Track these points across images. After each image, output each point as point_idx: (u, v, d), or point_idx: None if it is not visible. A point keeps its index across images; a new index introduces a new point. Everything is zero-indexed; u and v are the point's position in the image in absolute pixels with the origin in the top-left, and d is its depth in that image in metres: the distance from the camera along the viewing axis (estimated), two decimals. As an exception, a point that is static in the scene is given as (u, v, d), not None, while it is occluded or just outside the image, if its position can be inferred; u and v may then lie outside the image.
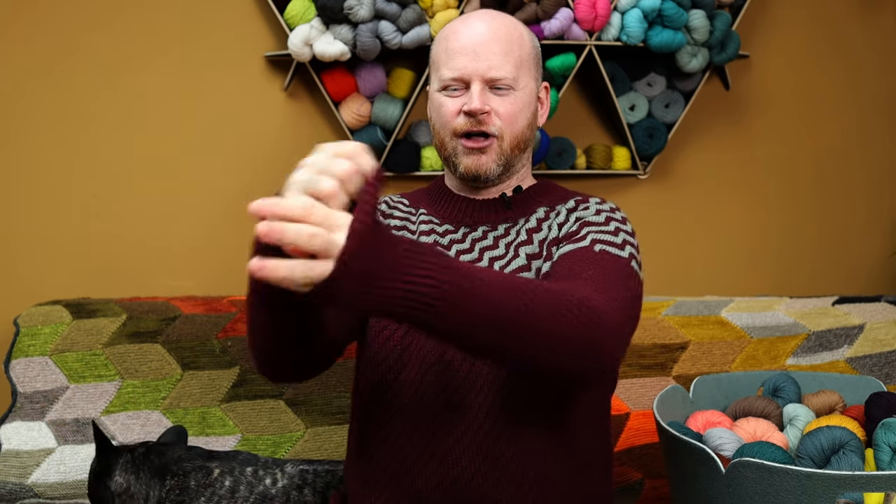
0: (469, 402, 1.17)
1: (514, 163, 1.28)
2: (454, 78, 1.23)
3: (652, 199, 2.35)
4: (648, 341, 1.94)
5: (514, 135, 1.25)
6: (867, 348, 1.97)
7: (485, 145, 1.24)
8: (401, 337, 1.22)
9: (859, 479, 1.16)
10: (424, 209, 1.34)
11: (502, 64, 1.22)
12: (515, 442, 1.17)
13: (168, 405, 1.82)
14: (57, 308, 1.87)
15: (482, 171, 1.25)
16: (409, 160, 2.14)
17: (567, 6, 2.10)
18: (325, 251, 0.81)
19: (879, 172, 2.46)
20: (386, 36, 2.00)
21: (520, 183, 1.32)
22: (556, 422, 1.19)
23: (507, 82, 1.23)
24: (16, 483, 1.72)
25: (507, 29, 1.25)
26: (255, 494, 1.42)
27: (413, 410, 1.20)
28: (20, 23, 2.04)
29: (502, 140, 1.24)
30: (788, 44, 2.38)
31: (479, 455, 1.16)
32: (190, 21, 2.11)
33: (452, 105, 1.25)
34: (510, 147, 1.25)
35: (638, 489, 1.88)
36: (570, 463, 1.20)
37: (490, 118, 1.23)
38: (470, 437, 1.16)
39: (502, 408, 1.17)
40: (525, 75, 1.26)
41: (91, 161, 2.09)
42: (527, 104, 1.26)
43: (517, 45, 1.25)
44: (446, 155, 1.28)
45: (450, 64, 1.24)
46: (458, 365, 1.18)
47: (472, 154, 1.24)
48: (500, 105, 1.23)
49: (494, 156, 1.25)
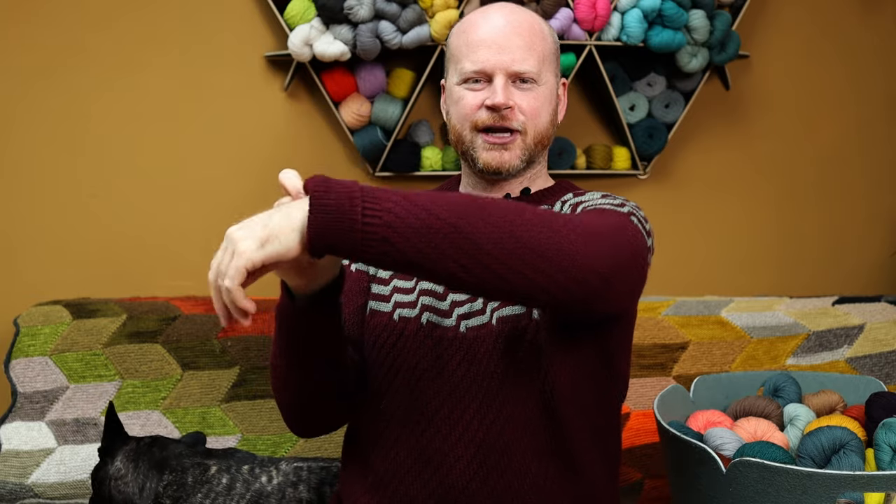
0: (462, 409, 1.15)
1: (536, 158, 1.26)
2: (476, 71, 1.21)
3: (652, 199, 2.35)
4: (648, 341, 1.94)
5: (537, 130, 1.23)
6: (867, 348, 1.97)
7: (507, 141, 1.21)
8: (392, 344, 1.20)
9: (860, 479, 1.16)
10: None
11: (526, 57, 1.20)
12: (510, 450, 1.15)
13: (168, 405, 1.82)
14: (57, 308, 1.87)
15: (505, 167, 1.22)
16: (409, 160, 2.14)
17: (567, 6, 2.10)
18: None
19: (879, 172, 2.46)
20: (386, 36, 2.00)
21: (534, 181, 1.29)
22: (551, 430, 1.16)
23: (531, 76, 1.21)
24: (16, 483, 1.72)
25: (530, 23, 1.23)
26: (251, 492, 1.43)
27: (406, 417, 1.18)
28: (20, 24, 2.04)
29: (525, 136, 1.22)
30: (788, 44, 2.38)
31: (474, 463, 1.14)
32: (190, 21, 2.11)
33: (473, 98, 1.22)
34: (533, 143, 1.23)
35: (638, 489, 1.88)
36: (568, 472, 1.17)
37: (514, 113, 1.20)
38: (464, 445, 1.15)
39: (496, 415, 1.15)
40: (547, 70, 1.23)
41: (91, 161, 2.09)
42: (549, 99, 1.24)
43: (539, 39, 1.22)
44: (464, 149, 1.25)
45: (472, 56, 1.21)
46: (451, 371, 1.17)
47: (494, 150, 1.22)
48: (523, 100, 1.21)
49: (518, 151, 1.22)
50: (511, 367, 1.15)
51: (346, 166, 2.21)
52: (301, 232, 0.90)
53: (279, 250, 0.90)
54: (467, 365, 1.16)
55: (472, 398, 1.15)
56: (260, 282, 0.99)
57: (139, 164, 2.12)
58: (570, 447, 1.17)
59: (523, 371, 1.15)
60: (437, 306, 1.20)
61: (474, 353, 1.17)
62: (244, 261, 0.89)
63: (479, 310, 1.18)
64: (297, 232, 0.90)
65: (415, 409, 1.18)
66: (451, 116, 1.27)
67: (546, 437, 1.16)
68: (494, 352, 1.16)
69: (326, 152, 2.20)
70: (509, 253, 0.92)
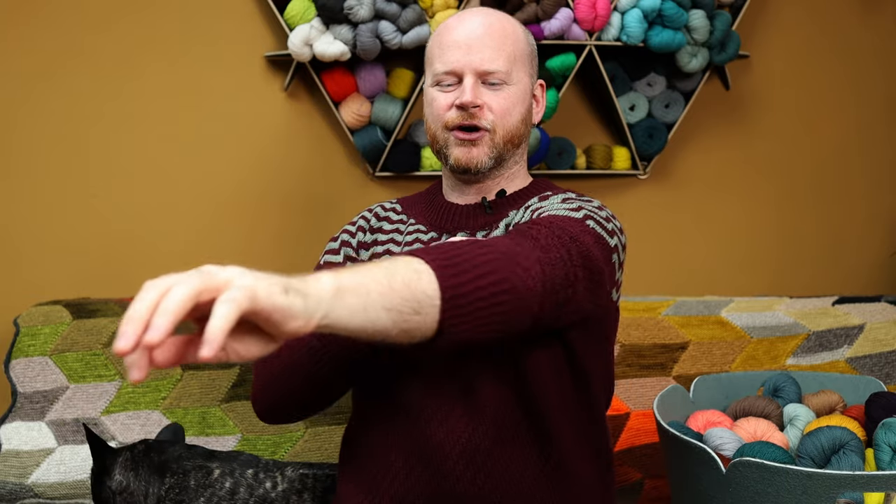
0: (448, 409, 1.15)
1: (507, 157, 1.27)
2: (447, 72, 1.23)
3: (652, 199, 2.35)
4: (648, 341, 1.94)
5: (506, 129, 1.25)
6: (867, 348, 1.97)
7: (475, 138, 1.23)
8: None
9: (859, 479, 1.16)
10: (415, 216, 1.33)
11: (495, 57, 1.22)
12: (501, 451, 1.15)
13: (168, 405, 1.82)
14: (57, 308, 1.87)
15: (473, 163, 1.24)
16: (408, 160, 2.14)
17: (567, 6, 2.10)
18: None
19: (879, 172, 2.46)
20: (386, 36, 2.00)
21: (513, 181, 1.31)
22: (535, 429, 1.16)
23: (500, 76, 1.23)
24: (16, 483, 1.72)
25: (501, 24, 1.25)
26: (254, 497, 1.42)
27: (391, 415, 1.19)
28: (20, 26, 2.04)
29: (494, 134, 1.24)
30: (788, 44, 2.38)
31: (461, 462, 1.14)
32: (190, 21, 2.11)
33: (444, 99, 1.25)
34: (503, 141, 1.25)
35: (638, 489, 1.88)
36: (559, 473, 1.17)
37: (482, 112, 1.23)
38: (450, 444, 1.15)
39: (481, 415, 1.15)
40: (519, 70, 1.25)
41: (91, 161, 2.09)
42: (520, 99, 1.26)
43: (511, 41, 1.24)
44: (438, 148, 1.28)
45: (443, 58, 1.24)
46: (428, 366, 1.16)
47: (464, 146, 1.24)
48: (492, 99, 1.23)
49: (486, 149, 1.24)
50: (488, 366, 1.15)
51: (346, 166, 2.22)
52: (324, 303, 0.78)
53: (296, 308, 0.74)
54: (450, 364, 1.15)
55: (455, 398, 1.15)
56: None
57: (139, 164, 2.12)
58: (553, 446, 1.17)
59: (500, 370, 1.15)
60: None
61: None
62: (247, 296, 0.71)
63: None
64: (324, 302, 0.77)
65: (399, 408, 1.18)
66: (426, 117, 1.30)
67: (529, 436, 1.16)
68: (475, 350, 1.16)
69: (326, 152, 2.21)
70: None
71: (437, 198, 1.34)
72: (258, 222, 2.18)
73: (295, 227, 2.19)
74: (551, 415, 1.17)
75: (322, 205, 2.20)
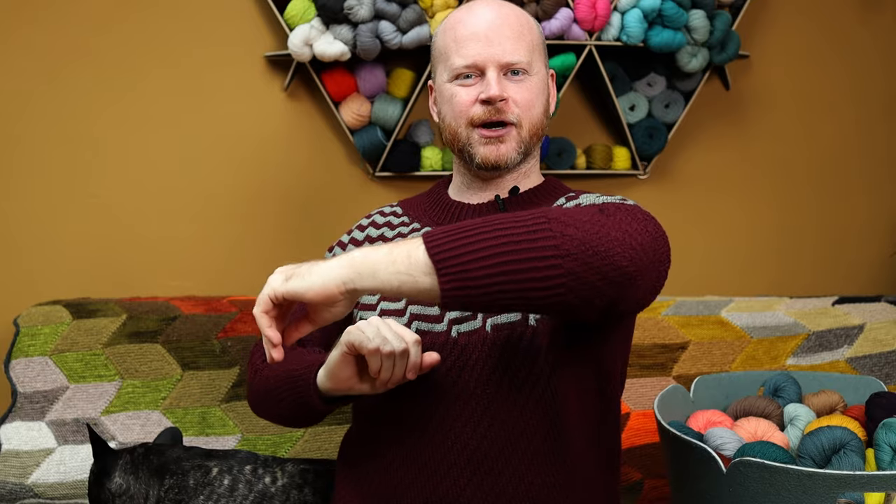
0: (454, 416, 1.14)
1: (532, 151, 1.25)
2: (468, 65, 1.19)
3: (652, 199, 2.35)
4: (648, 341, 1.94)
5: (531, 122, 1.21)
6: (867, 348, 1.97)
7: (503, 134, 1.20)
8: None
9: (860, 479, 1.16)
10: (419, 218, 1.30)
11: (516, 48, 1.18)
12: (505, 456, 1.13)
13: (168, 405, 1.82)
14: (57, 308, 1.86)
15: (502, 160, 1.21)
16: (409, 160, 2.14)
17: (567, 6, 2.10)
18: None
19: (879, 172, 2.46)
20: (386, 36, 2.00)
21: (528, 177, 1.28)
22: (548, 435, 1.14)
23: (523, 66, 1.19)
24: (16, 483, 1.72)
25: (516, 14, 1.22)
26: (254, 493, 1.42)
27: (397, 423, 1.18)
28: (22, 27, 2.04)
29: (521, 128, 1.20)
30: (788, 44, 2.38)
31: (467, 470, 1.12)
32: (190, 22, 2.11)
33: (467, 94, 1.20)
34: (529, 134, 1.22)
35: (638, 489, 1.88)
36: (564, 478, 1.15)
37: (508, 106, 1.19)
38: (457, 451, 1.13)
39: (490, 422, 1.13)
40: (537, 60, 1.22)
41: (91, 161, 2.09)
42: (542, 90, 1.23)
43: (527, 30, 1.21)
44: (460, 146, 1.23)
45: (461, 52, 1.19)
46: (441, 375, 1.15)
47: (491, 144, 1.20)
48: (516, 92, 1.19)
49: (514, 144, 1.21)
50: (507, 375, 1.13)
51: (346, 166, 2.22)
52: (325, 277, 0.93)
53: (298, 287, 0.94)
54: (458, 370, 1.14)
55: (463, 404, 1.14)
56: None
57: (139, 164, 2.12)
58: (567, 454, 1.15)
59: (521, 378, 1.14)
60: (426, 312, 1.19)
61: (466, 359, 1.15)
62: (269, 290, 0.95)
63: (471, 315, 1.16)
64: (321, 277, 0.93)
65: (405, 415, 1.17)
66: (444, 115, 1.25)
67: (543, 445, 1.14)
68: (489, 358, 1.14)
69: (326, 152, 2.21)
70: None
71: (443, 197, 1.31)
72: (258, 222, 2.18)
73: (295, 226, 2.19)
74: (572, 423, 1.15)
75: (322, 205, 2.20)
